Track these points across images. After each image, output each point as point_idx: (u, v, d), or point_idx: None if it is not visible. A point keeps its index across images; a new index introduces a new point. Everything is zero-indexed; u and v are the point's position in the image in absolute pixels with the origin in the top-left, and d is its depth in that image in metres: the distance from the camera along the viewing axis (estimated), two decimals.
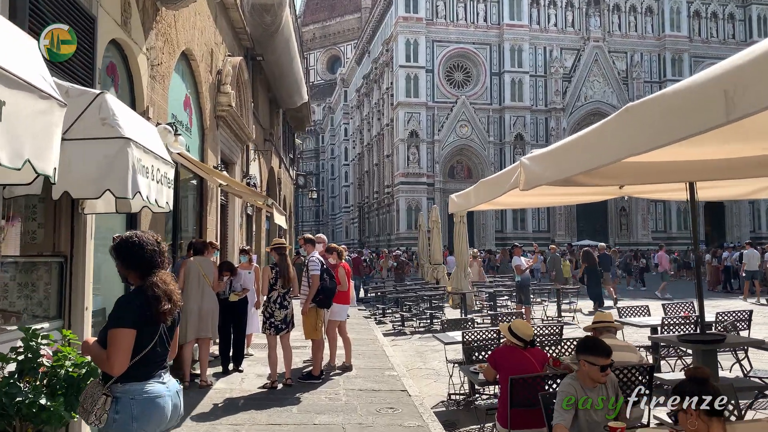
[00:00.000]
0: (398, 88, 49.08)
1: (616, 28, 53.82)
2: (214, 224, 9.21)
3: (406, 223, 48.08)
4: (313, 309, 6.90)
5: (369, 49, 63.91)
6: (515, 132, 50.61)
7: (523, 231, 49.23)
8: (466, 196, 5.37)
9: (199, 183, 8.68)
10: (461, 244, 13.56)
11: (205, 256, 6.79)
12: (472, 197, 5.18)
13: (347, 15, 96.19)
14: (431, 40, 50.39)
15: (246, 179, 12.08)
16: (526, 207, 49.38)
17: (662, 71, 53.34)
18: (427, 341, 10.55)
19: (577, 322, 12.24)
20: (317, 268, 6.80)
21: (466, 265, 13.59)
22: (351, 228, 72.75)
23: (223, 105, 9.25)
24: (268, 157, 15.73)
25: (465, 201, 5.36)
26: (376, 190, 59.55)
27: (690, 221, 30.07)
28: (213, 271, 6.72)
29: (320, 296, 6.80)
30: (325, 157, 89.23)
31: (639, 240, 51.29)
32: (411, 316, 12.34)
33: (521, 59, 51.08)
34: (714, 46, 54.01)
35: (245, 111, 11.37)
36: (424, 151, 49.21)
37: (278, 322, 6.59)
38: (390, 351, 9.22)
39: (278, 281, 6.55)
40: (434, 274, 16.31)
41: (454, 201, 5.66)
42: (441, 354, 7.94)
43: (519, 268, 11.22)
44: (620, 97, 50.41)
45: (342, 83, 78.20)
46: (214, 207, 9.12)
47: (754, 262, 17.77)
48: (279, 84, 15.41)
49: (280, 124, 18.70)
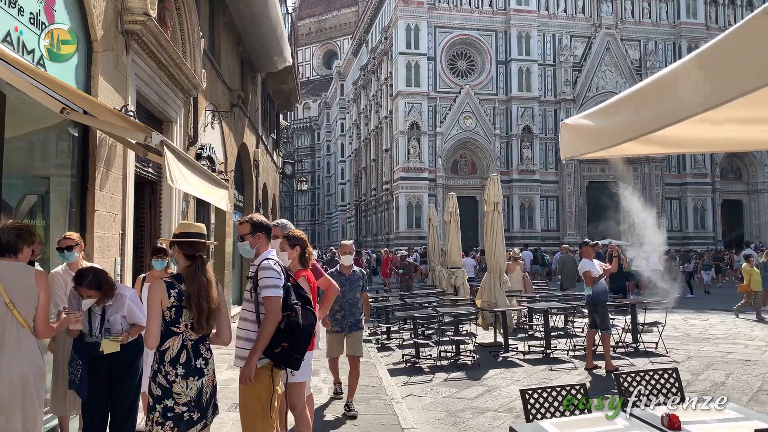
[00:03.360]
0: (398, 76, 45.93)
1: (629, 15, 50.98)
2: (119, 206, 5.61)
3: (406, 221, 44.97)
4: (265, 371, 3.39)
5: (366, 39, 60.88)
6: (523, 124, 47.66)
7: (531, 230, 46.47)
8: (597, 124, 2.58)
9: (81, 133, 5.08)
10: (495, 240, 9.89)
11: (19, 258, 3.24)
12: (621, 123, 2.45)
13: (344, 8, 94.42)
14: (433, 25, 47.36)
15: (193, 147, 8.47)
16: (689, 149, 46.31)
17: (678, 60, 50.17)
18: (458, 386, 7.05)
19: (664, 350, 8.67)
20: (275, 281, 3.33)
21: (502, 271, 9.94)
22: (348, 227, 69.67)
23: (135, 12, 5.65)
24: (237, 130, 12.12)
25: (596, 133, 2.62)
26: (374, 187, 56.43)
27: (707, 220, 27.05)
28: (41, 290, 3.26)
29: (284, 343, 3.30)
30: (321, 155, 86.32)
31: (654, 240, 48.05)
32: (428, 341, 8.75)
33: (529, 47, 48.06)
34: None
35: (190, 47, 7.78)
36: (425, 144, 46.10)
37: (181, 409, 3.08)
38: (405, 413, 5.66)
39: (182, 315, 3.12)
40: (451, 281, 12.74)
41: (574, 134, 2.75)
42: (488, 417, 5.42)
43: (590, 276, 7.52)
44: None
45: (338, 76, 75.08)
46: (116, 178, 5.53)
47: None
48: (251, 33, 11.84)
49: (258, 94, 15.11)
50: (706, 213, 49.32)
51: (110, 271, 5.49)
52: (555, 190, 47.60)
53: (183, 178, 4.27)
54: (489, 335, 9.99)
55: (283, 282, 3.38)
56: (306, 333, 3.31)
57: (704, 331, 10.91)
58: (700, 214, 49.38)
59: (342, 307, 5.95)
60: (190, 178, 4.51)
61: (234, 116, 11.81)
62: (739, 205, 51.61)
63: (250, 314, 3.41)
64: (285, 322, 3.27)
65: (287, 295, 3.34)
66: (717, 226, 49.65)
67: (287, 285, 3.41)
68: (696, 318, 12.96)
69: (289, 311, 3.31)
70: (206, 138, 9.52)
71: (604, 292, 7.58)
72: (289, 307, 3.32)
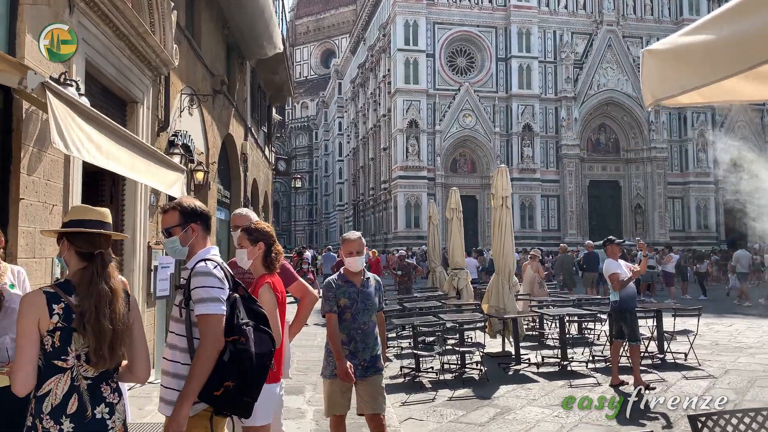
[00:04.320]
0: (396, 73, 45.12)
1: (631, 11, 50.36)
2: (58, 196, 4.64)
3: (404, 220, 44.12)
4: (201, 421, 2.34)
5: (364, 36, 60.15)
6: (523, 122, 46.92)
7: (531, 230, 45.73)
8: None
9: (1, 103, 4.10)
10: (503, 238, 8.85)
11: None
12: None
13: (342, 7, 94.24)
14: (432, 21, 46.62)
15: (165, 133, 7.52)
16: None
17: None
18: (465, 407, 6.10)
19: (696, 361, 7.72)
20: (214, 292, 2.34)
21: (511, 273, 8.90)
22: (346, 227, 68.79)
23: None
24: (221, 119, 11.15)
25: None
26: (372, 187, 55.59)
27: (710, 219, 26.44)
28: None
29: (228, 382, 2.26)
30: (318, 154, 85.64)
31: (656, 239, 47.37)
32: (429, 351, 7.76)
33: (530, 43, 47.35)
34: None
35: (159, 18, 6.84)
36: (424, 142, 45.29)
37: None
38: None
39: (71, 342, 2.05)
40: (453, 283, 11.77)
41: (666, 65, 1.87)
42: None
43: (617, 279, 6.41)
44: (635, 85, 47.05)
45: (336, 75, 74.32)
46: (54, 161, 4.57)
47: (744, 263, 17.02)
48: (236, 14, 10.88)
49: (247, 83, 14.14)
50: (709, 212, 48.55)
51: (45, 276, 4.52)
52: (556, 189, 46.77)
53: (91, 145, 3.25)
54: (496, 343, 9.02)
55: (228, 293, 2.38)
56: (260, 366, 2.31)
57: (733, 339, 9.95)
58: (702, 214, 48.65)
59: (351, 337, 3.95)
60: (108, 148, 3.50)
61: (218, 104, 10.83)
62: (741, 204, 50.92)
63: (180, 340, 2.39)
64: (230, 352, 2.26)
65: (233, 312, 2.34)
66: (720, 225, 48.90)
67: (233, 297, 2.39)
68: (718, 323, 12.01)
69: (235, 335, 2.28)
70: (182, 124, 8.54)
71: (632, 298, 6.55)
72: (235, 329, 2.29)
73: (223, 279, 2.40)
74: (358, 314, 3.93)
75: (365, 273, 4.11)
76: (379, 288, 4.18)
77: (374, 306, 4.03)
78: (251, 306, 2.43)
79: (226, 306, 2.34)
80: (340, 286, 3.98)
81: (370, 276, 4.16)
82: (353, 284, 3.99)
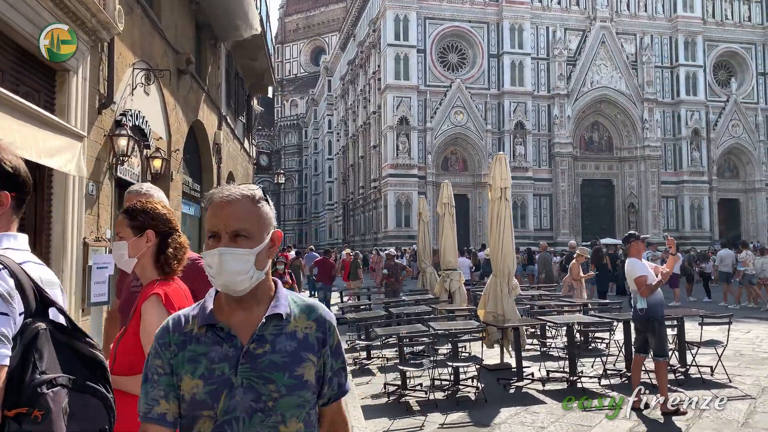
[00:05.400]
0: (386, 69, 44.15)
1: (625, 8, 49.80)
2: None
3: (395, 219, 43.17)
4: None
5: (354, 32, 59.14)
6: (515, 120, 46.16)
7: (523, 229, 44.75)
8: None
9: None
10: (502, 234, 7.74)
11: None
12: None
13: (332, 4, 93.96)
14: (423, 16, 45.75)
15: (108, 110, 6.40)
16: None
17: (674, 55, 49.42)
18: None
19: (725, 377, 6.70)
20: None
21: (511, 274, 7.80)
22: (335, 227, 67.82)
23: None
24: (188, 103, 10.02)
25: None
26: (362, 185, 54.60)
27: (704, 219, 25.64)
28: None
29: None
30: (308, 153, 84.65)
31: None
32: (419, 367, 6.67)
33: (522, 40, 46.59)
34: (729, 29, 50.64)
35: None
36: (414, 140, 44.40)
37: None
38: None
39: None
40: (445, 285, 10.70)
41: None
42: None
43: (644, 283, 5.32)
44: (629, 83, 46.55)
45: (326, 72, 73.26)
46: None
47: (728, 262, 16.92)
48: None
49: (222, 67, 13.00)
50: (703, 212, 48.02)
51: None
52: (548, 188, 46.02)
53: None
54: (493, 353, 7.98)
55: (23, 320, 1.24)
56: None
57: (757, 348, 8.97)
58: (696, 213, 48.10)
59: None
60: None
61: (183, 85, 9.70)
62: (736, 204, 50.49)
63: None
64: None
65: (27, 360, 1.19)
66: (714, 225, 48.38)
67: (35, 329, 1.25)
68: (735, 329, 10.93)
69: (23, 407, 1.14)
70: (135, 104, 7.42)
71: (661, 305, 5.44)
72: (25, 393, 1.16)
73: (12, 296, 1.26)
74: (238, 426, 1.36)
75: (277, 299, 1.46)
76: (322, 341, 1.46)
77: (293, 397, 1.39)
78: (76, 344, 1.30)
79: (11, 349, 1.22)
80: (190, 338, 1.40)
81: (292, 310, 1.46)
82: (228, 335, 1.39)
